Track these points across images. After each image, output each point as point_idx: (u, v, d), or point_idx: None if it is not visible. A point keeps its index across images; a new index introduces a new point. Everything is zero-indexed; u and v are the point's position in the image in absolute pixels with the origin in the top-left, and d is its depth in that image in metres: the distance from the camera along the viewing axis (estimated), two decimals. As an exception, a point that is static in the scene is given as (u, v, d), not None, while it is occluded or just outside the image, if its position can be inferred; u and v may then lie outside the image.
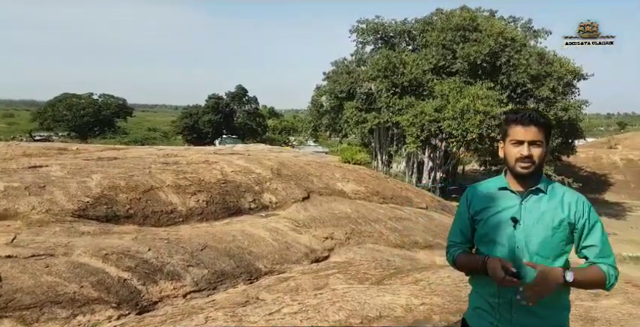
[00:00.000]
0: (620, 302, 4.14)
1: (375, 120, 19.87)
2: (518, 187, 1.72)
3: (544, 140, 1.67)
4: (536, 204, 1.69)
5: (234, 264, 5.37)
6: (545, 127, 1.67)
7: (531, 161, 1.66)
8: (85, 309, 3.91)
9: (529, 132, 1.65)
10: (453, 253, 1.86)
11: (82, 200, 6.06)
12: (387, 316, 3.63)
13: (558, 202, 1.69)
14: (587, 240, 1.68)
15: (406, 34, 22.78)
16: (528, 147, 1.65)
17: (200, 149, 14.85)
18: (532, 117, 1.66)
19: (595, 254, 1.66)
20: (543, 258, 1.64)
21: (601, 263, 1.65)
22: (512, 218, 1.68)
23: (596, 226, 1.68)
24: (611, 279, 1.64)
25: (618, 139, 40.79)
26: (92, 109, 50.20)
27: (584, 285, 1.69)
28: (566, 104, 19.01)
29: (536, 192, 1.71)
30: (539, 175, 1.72)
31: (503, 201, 1.73)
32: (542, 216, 1.67)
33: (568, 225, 1.67)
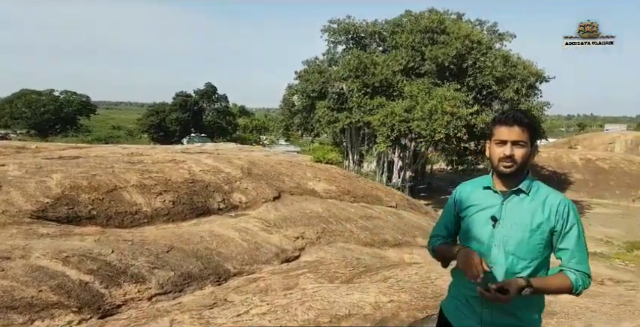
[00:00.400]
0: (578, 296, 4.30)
1: (346, 120, 19.97)
2: (502, 187, 1.73)
3: (528, 141, 1.67)
4: (517, 204, 1.70)
5: (202, 265, 5.26)
6: (530, 127, 1.67)
7: (513, 161, 1.66)
8: (43, 314, 3.75)
9: (512, 132, 1.66)
10: (434, 242, 1.90)
11: (41, 201, 5.81)
12: (355, 314, 3.64)
13: (540, 204, 1.69)
14: (562, 243, 1.68)
15: (377, 35, 22.98)
16: (511, 147, 1.66)
17: (167, 148, 14.54)
18: (516, 117, 1.67)
19: (567, 258, 1.68)
20: (519, 258, 1.66)
21: (570, 271, 1.66)
22: (492, 217, 1.69)
23: (572, 229, 1.68)
24: (579, 288, 1.66)
25: (578, 139, 42.51)
26: (53, 107, 48.25)
27: (548, 293, 1.71)
28: (529, 106, 19.60)
29: (518, 192, 1.71)
30: (523, 175, 1.72)
31: (486, 200, 1.74)
32: (522, 217, 1.68)
33: (547, 227, 1.67)
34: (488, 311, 1.68)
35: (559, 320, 3.55)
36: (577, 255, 1.67)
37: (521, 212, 1.69)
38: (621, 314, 3.69)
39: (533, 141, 1.70)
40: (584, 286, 1.67)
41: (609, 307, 3.90)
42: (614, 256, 15.11)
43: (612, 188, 27.22)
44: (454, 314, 1.79)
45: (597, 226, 20.29)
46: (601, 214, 22.81)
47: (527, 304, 1.68)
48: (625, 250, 16.05)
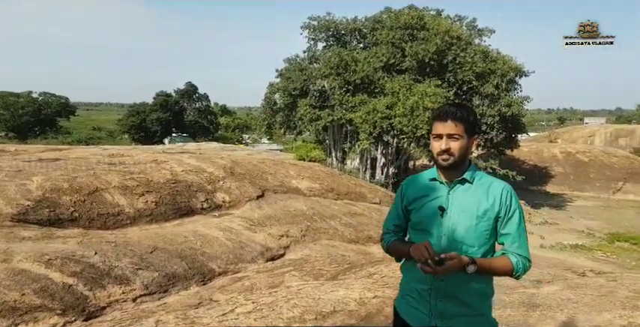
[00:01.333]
0: (560, 288, 4.40)
1: (328, 117, 19.98)
2: (447, 178, 1.79)
3: (464, 134, 1.72)
4: (462, 194, 1.76)
5: (187, 265, 5.27)
6: (464, 121, 1.72)
7: (450, 154, 1.72)
8: (27, 317, 3.72)
9: (447, 126, 1.71)
10: (387, 240, 1.93)
11: (22, 204, 5.74)
12: (340, 311, 3.70)
13: (484, 192, 1.75)
14: (505, 228, 1.75)
15: (357, 32, 23.01)
16: (446, 140, 1.72)
17: (148, 148, 14.40)
18: (449, 112, 1.73)
19: (509, 243, 1.74)
20: (468, 246, 1.71)
21: (512, 254, 1.73)
22: (440, 207, 1.75)
23: (514, 215, 1.75)
24: (519, 270, 1.72)
25: (558, 133, 43.24)
26: (32, 108, 47.33)
27: (492, 274, 1.74)
28: (509, 100, 19.82)
29: (462, 182, 1.77)
30: (466, 166, 1.78)
31: (433, 191, 1.80)
32: (467, 205, 1.73)
33: (492, 214, 1.73)
34: (439, 302, 1.72)
35: (542, 313, 3.61)
36: (518, 240, 1.74)
37: (467, 201, 1.74)
38: (602, 305, 3.77)
39: (470, 133, 1.75)
40: (524, 269, 1.73)
41: (591, 298, 3.98)
42: (595, 247, 15.34)
43: (593, 181, 27.63)
44: (407, 311, 1.82)
45: (579, 218, 20.64)
46: (582, 207, 23.20)
47: (476, 291, 1.73)
48: (606, 242, 16.30)
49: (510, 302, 3.88)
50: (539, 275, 4.97)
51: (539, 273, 5.10)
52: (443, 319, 1.72)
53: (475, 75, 19.53)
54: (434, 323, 1.73)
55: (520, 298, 3.99)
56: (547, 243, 15.69)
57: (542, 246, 15.29)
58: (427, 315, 1.74)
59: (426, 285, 1.74)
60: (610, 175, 27.75)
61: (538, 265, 5.80)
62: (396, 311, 1.88)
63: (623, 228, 18.48)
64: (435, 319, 1.73)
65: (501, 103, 19.67)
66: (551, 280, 4.78)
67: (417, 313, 1.77)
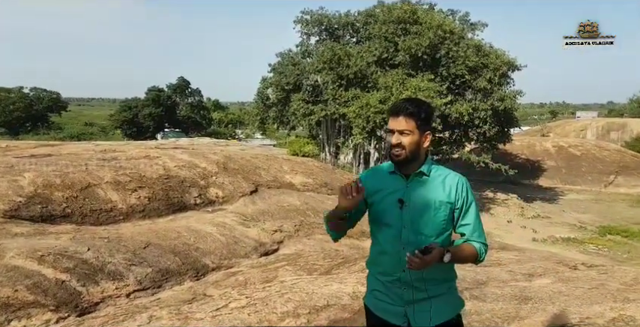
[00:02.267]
0: (551, 281, 4.45)
1: (321, 112, 19.94)
2: (405, 171, 1.83)
3: (415, 129, 1.76)
4: (419, 186, 1.81)
5: (180, 261, 5.28)
6: (415, 116, 1.75)
7: (401, 148, 1.76)
8: (20, 313, 3.72)
9: (398, 122, 1.76)
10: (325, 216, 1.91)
11: (14, 200, 5.71)
12: (334, 305, 3.72)
13: (440, 184, 1.81)
14: (464, 219, 1.82)
15: (350, 26, 22.91)
16: (397, 136, 1.76)
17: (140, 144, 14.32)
18: (400, 107, 1.77)
19: (470, 232, 1.81)
20: (427, 236, 1.76)
21: (474, 241, 1.81)
22: (399, 200, 1.79)
23: (471, 206, 1.82)
24: (482, 254, 1.81)
25: (550, 127, 43.44)
26: (23, 104, 46.82)
27: (460, 261, 1.81)
28: (502, 94, 19.85)
29: (420, 175, 1.82)
30: (423, 159, 1.83)
31: (392, 184, 1.83)
32: (425, 197, 1.79)
33: (448, 205, 1.79)
34: (405, 290, 1.78)
35: (533, 305, 3.64)
36: (477, 229, 1.82)
37: (424, 193, 1.79)
38: (594, 298, 3.80)
39: (422, 128, 1.78)
40: (485, 253, 1.82)
41: (582, 291, 4.01)
42: (587, 241, 15.44)
43: (584, 174, 27.79)
44: (377, 306, 1.86)
45: (571, 212, 20.77)
46: (574, 200, 23.34)
47: (439, 277, 1.80)
48: (598, 235, 16.42)
49: (502, 295, 3.92)
50: (530, 269, 5.02)
51: (531, 266, 5.16)
52: (410, 305, 1.78)
53: (468, 69, 19.53)
54: (404, 312, 1.78)
55: (512, 291, 4.04)
56: (539, 236, 15.81)
57: (534, 239, 15.40)
58: (397, 305, 1.79)
59: (390, 276, 1.80)
60: (602, 169, 27.92)
61: (530, 258, 5.86)
62: (367, 308, 1.91)
63: (614, 221, 18.63)
64: (405, 307, 1.78)
65: (494, 97, 19.72)
66: (543, 273, 4.83)
67: (387, 306, 1.82)
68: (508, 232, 15.97)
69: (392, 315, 1.80)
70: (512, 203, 20.85)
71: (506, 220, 18.26)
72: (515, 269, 5.00)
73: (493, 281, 4.43)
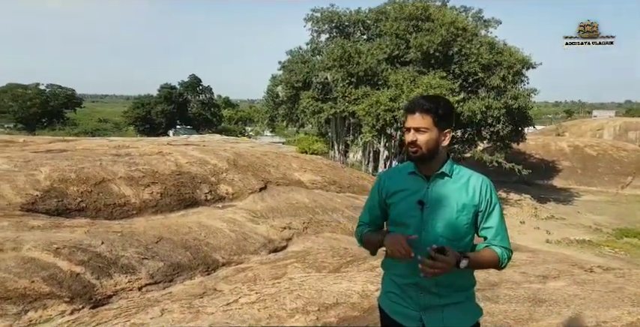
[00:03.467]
0: (566, 284, 4.36)
1: (331, 110, 19.93)
2: (426, 171, 1.78)
3: (432, 126, 1.71)
4: (441, 187, 1.75)
5: (191, 256, 5.35)
6: (431, 113, 1.70)
7: (417, 146, 1.71)
8: (36, 304, 3.82)
9: (414, 119, 1.72)
10: (360, 231, 1.94)
11: (31, 194, 5.83)
12: (343, 303, 3.75)
13: (463, 186, 1.75)
14: (487, 222, 1.75)
15: (360, 23, 22.83)
16: (414, 133, 1.72)
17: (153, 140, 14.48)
18: (417, 104, 1.72)
19: (492, 235, 1.75)
20: (448, 240, 1.70)
21: (496, 246, 1.73)
22: (419, 201, 1.74)
23: (495, 209, 1.76)
24: (504, 261, 1.73)
25: (566, 126, 42.60)
26: (39, 100, 47.60)
27: (479, 267, 1.74)
28: (516, 93, 19.59)
29: (441, 176, 1.76)
30: (444, 158, 1.77)
31: (412, 185, 1.78)
32: (447, 199, 1.73)
33: (472, 208, 1.73)
34: (421, 295, 1.73)
35: (547, 308, 3.57)
36: (500, 232, 1.75)
37: (447, 194, 1.74)
38: (610, 301, 3.72)
39: (441, 125, 1.73)
40: (508, 259, 1.75)
41: (598, 295, 3.93)
42: (603, 243, 15.13)
43: (601, 175, 27.22)
44: (391, 308, 1.82)
45: (586, 213, 20.33)
46: (590, 202, 22.87)
47: (458, 283, 1.74)
48: (614, 238, 16.09)
49: (515, 297, 3.88)
50: (544, 271, 4.96)
51: (545, 268, 5.10)
52: (428, 312, 1.73)
53: (481, 67, 19.34)
54: (419, 317, 1.73)
55: (525, 293, 3.99)
56: (553, 238, 15.58)
57: (548, 241, 15.19)
58: (412, 309, 1.75)
59: (408, 279, 1.75)
60: (619, 170, 27.30)
61: (544, 260, 5.80)
62: (382, 309, 1.88)
63: (631, 223, 18.20)
64: (421, 313, 1.73)
65: (508, 95, 19.48)
66: (558, 275, 4.77)
67: (402, 309, 1.77)
68: (521, 233, 15.78)
69: (407, 319, 1.76)
70: (526, 204, 20.61)
71: (519, 220, 18.06)
72: (528, 271, 4.94)
73: (506, 283, 4.40)
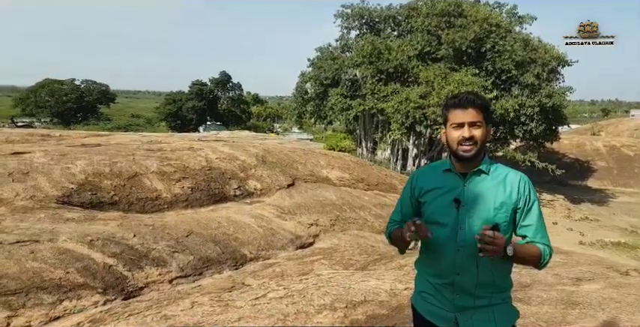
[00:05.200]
0: (601, 287, 4.23)
1: (359, 107, 19.81)
2: (462, 169, 1.74)
3: (483, 121, 1.69)
4: (478, 185, 1.71)
5: (220, 250, 5.41)
6: (483, 108, 1.69)
7: (473, 142, 1.67)
8: (71, 294, 3.93)
9: (468, 114, 1.67)
10: (389, 229, 1.90)
11: (66, 187, 6.01)
12: (371, 301, 3.71)
13: (500, 183, 1.71)
14: (526, 219, 1.70)
15: (391, 19, 22.59)
16: (469, 129, 1.67)
17: (184, 136, 14.75)
18: (469, 99, 1.69)
19: (532, 234, 1.69)
20: None
21: (538, 243, 1.69)
22: (455, 200, 1.69)
23: (534, 206, 1.71)
24: (546, 258, 1.69)
25: (602, 125, 41.23)
26: (75, 95, 49.22)
27: (522, 261, 1.69)
28: (550, 91, 19.05)
29: (478, 173, 1.72)
30: (481, 156, 1.74)
31: (447, 183, 1.74)
32: (484, 197, 1.68)
33: (510, 205, 1.68)
34: (457, 295, 1.69)
35: (581, 311, 3.47)
36: (540, 230, 1.70)
37: (484, 192, 1.69)
38: None
39: (488, 121, 1.72)
40: (549, 257, 1.70)
41: (634, 298, 3.80)
42: (639, 246, 14.60)
43: (638, 176, 26.34)
44: (424, 307, 1.78)
45: (622, 215, 19.66)
46: (625, 203, 22.10)
47: (494, 284, 1.70)
48: (651, 240, 15.57)
49: (548, 299, 3.78)
50: (578, 273, 4.81)
51: (578, 271, 4.94)
52: (464, 313, 1.69)
53: (515, 64, 18.86)
54: (454, 318, 1.69)
55: (559, 295, 3.88)
56: (587, 240, 15.12)
57: (581, 243, 14.75)
58: (446, 310, 1.71)
59: (444, 280, 1.71)
60: (657, 171, 26.51)
61: (577, 262, 5.62)
62: (414, 308, 1.85)
63: (669, 226, 17.61)
64: (456, 314, 1.69)
65: (542, 93, 18.94)
66: (592, 278, 4.61)
67: (436, 309, 1.74)
68: (554, 235, 15.29)
69: (442, 320, 1.72)
70: (559, 204, 20.07)
71: (552, 221, 17.59)
72: (561, 273, 4.80)
73: (538, 284, 4.29)
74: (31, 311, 3.63)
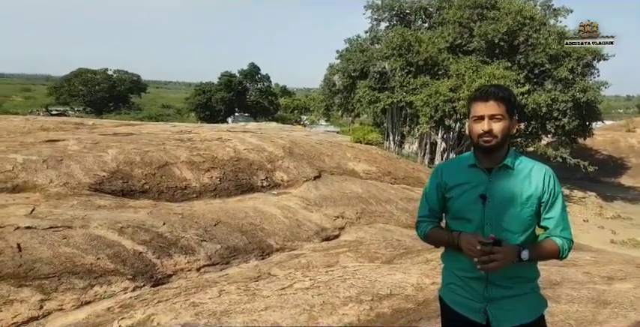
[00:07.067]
0: (633, 286, 4.11)
1: (388, 100, 19.59)
2: (487, 164, 1.73)
3: (505, 114, 1.66)
4: (504, 180, 1.70)
5: (247, 240, 5.46)
6: (505, 101, 1.67)
7: (492, 135, 1.66)
8: (101, 280, 4.04)
9: (488, 107, 1.66)
10: (424, 229, 1.89)
11: (99, 174, 6.17)
12: (397, 295, 3.68)
13: (526, 177, 1.70)
14: (549, 212, 1.71)
15: (422, 11, 22.20)
16: (489, 121, 1.65)
17: (213, 127, 14.92)
18: (490, 92, 1.67)
19: (553, 226, 1.71)
20: (512, 233, 1.67)
21: (557, 237, 1.70)
22: (482, 195, 1.69)
23: (558, 199, 1.71)
24: (565, 252, 1.70)
25: (637, 122, 39.70)
26: (107, 85, 50.56)
27: (541, 259, 1.72)
28: (584, 85, 18.46)
29: (503, 168, 1.72)
30: (506, 150, 1.73)
31: (473, 178, 1.74)
32: (510, 192, 1.68)
33: (536, 199, 1.69)
34: (485, 288, 1.70)
35: (613, 310, 3.38)
36: (562, 223, 1.71)
37: (510, 187, 1.69)
38: None
39: (511, 114, 1.69)
40: (569, 250, 1.72)
41: None
42: (675, 246, 14.21)
43: (673, 174, 25.45)
44: (453, 299, 1.79)
45: (657, 214, 19.12)
46: (661, 202, 21.47)
47: (521, 275, 1.71)
48: (687, 240, 15.01)
49: (578, 298, 3.68)
50: (610, 272, 4.67)
51: (610, 269, 4.79)
52: (493, 303, 1.70)
53: (548, 57, 18.31)
54: (483, 309, 1.70)
55: (589, 294, 3.78)
56: (618, 238, 14.71)
57: (612, 241, 14.37)
58: (476, 301, 1.72)
59: (470, 273, 1.71)
60: (693, 169, 25.41)
61: (609, 260, 5.45)
62: (442, 301, 1.85)
63: None
64: (485, 304, 1.70)
65: (576, 88, 18.34)
66: (624, 277, 4.47)
67: (464, 300, 1.75)
68: (584, 232, 14.99)
69: (471, 311, 1.73)
70: (590, 202, 19.51)
71: (583, 219, 17.15)
72: (592, 271, 4.67)
73: (568, 282, 4.17)
74: (64, 295, 3.75)
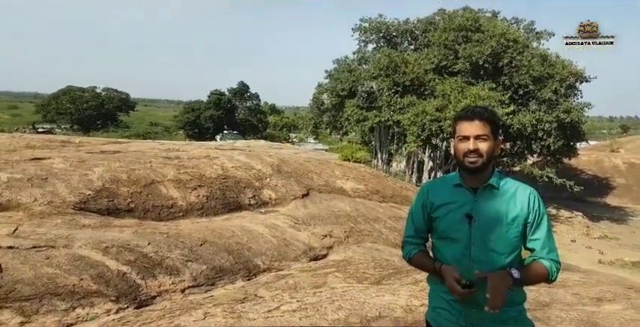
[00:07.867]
0: (622, 308, 4.13)
1: (375, 118, 19.82)
2: (472, 184, 1.74)
3: (490, 134, 1.68)
4: (489, 200, 1.71)
5: (233, 260, 5.38)
6: (490, 121, 1.69)
7: (478, 155, 1.67)
8: (84, 302, 3.92)
9: (474, 126, 1.67)
10: (409, 252, 1.88)
11: (84, 193, 6.06)
12: (386, 317, 3.63)
13: (511, 198, 1.71)
14: (534, 234, 1.71)
15: (408, 33, 22.71)
16: (474, 141, 1.67)
17: (201, 144, 14.87)
18: (476, 112, 1.69)
19: (540, 248, 1.71)
20: (498, 254, 1.67)
21: (544, 259, 1.70)
22: (467, 215, 1.69)
23: (543, 220, 1.72)
24: (554, 274, 1.69)
25: (621, 142, 40.48)
26: (95, 103, 50.32)
27: (530, 282, 1.71)
28: (568, 106, 18.87)
29: (489, 188, 1.72)
30: (491, 170, 1.74)
31: (458, 198, 1.74)
32: (496, 212, 1.69)
33: (521, 220, 1.69)
34: (472, 310, 1.69)
35: None
36: (548, 245, 1.71)
37: (495, 207, 1.70)
38: None
39: (496, 135, 1.71)
40: (557, 272, 1.71)
41: None
42: (661, 266, 14.29)
43: (658, 194, 25.81)
44: (440, 324, 1.78)
45: (643, 234, 19.30)
46: (646, 222, 21.70)
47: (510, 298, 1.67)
48: (673, 260, 15.11)
49: (567, 319, 3.67)
50: (599, 293, 4.68)
51: (599, 290, 4.81)
52: (478, 325, 1.69)
53: (532, 79, 18.75)
54: None
55: (579, 315, 3.77)
56: (606, 259, 14.77)
57: (600, 261, 14.42)
58: (462, 325, 1.71)
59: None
60: (678, 189, 25.87)
61: (597, 281, 5.48)
62: (429, 325, 1.84)
63: (691, 246, 17.09)
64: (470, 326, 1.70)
65: (560, 108, 18.74)
66: (613, 298, 4.49)
67: (451, 325, 1.74)
68: (572, 252, 15.06)
69: None
70: (577, 222, 19.67)
71: (570, 239, 17.25)
72: (581, 292, 4.68)
73: (557, 304, 4.17)
74: (45, 318, 3.62)
